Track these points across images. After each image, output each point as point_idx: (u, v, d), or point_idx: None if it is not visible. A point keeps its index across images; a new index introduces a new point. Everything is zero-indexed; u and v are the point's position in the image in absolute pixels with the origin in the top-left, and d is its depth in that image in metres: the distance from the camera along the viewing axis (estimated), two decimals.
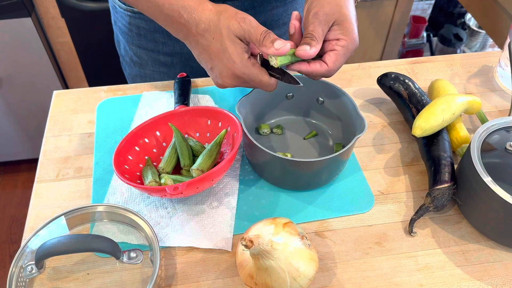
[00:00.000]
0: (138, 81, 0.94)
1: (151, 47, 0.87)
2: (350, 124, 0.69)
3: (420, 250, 0.62)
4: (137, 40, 0.87)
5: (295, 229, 0.54)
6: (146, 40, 0.86)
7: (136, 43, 0.88)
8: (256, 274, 0.52)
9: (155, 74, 0.91)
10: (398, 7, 1.69)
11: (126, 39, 0.89)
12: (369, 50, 1.84)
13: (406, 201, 0.67)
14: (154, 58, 0.88)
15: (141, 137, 0.69)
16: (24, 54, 1.48)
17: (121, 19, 0.86)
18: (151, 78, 0.92)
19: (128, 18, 0.84)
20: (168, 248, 0.62)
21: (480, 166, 0.59)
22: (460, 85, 0.86)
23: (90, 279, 0.57)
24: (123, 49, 0.93)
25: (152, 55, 0.88)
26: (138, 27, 0.84)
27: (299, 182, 0.67)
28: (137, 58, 0.90)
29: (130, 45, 0.89)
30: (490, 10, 1.21)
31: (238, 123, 0.65)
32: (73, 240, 0.54)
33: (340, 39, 0.59)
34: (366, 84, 0.86)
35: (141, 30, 0.85)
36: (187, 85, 0.78)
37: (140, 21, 0.83)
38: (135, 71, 0.94)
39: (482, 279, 0.59)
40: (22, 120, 1.67)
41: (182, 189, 0.57)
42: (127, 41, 0.89)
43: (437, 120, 0.68)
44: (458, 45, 2.00)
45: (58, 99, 0.82)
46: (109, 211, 0.61)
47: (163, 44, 0.86)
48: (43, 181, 0.69)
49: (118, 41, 0.94)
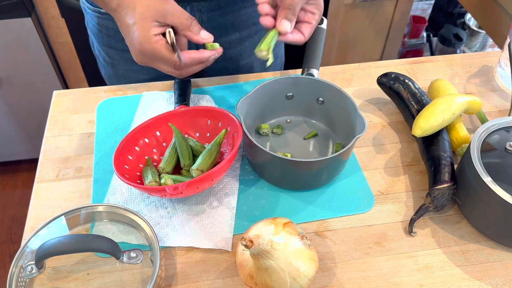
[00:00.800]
0: (114, 81, 0.94)
1: (121, 46, 0.86)
2: (350, 124, 0.69)
3: (420, 250, 0.62)
4: (107, 40, 0.87)
5: (295, 229, 0.54)
6: (115, 40, 0.86)
7: (106, 43, 0.88)
8: (256, 274, 0.52)
9: (128, 73, 0.91)
10: (398, 7, 1.69)
11: (97, 39, 0.89)
12: (369, 50, 1.84)
13: (406, 201, 0.67)
14: (125, 57, 0.88)
15: (141, 137, 0.69)
16: (24, 54, 1.48)
17: (91, 20, 0.86)
18: (125, 77, 0.91)
19: (96, 19, 0.84)
20: (168, 248, 0.62)
21: (480, 166, 0.59)
22: (460, 85, 0.86)
23: (90, 279, 0.57)
24: (97, 50, 0.93)
25: (123, 55, 0.88)
26: (107, 27, 0.84)
27: (299, 182, 0.67)
28: (109, 58, 0.91)
29: (101, 45, 0.89)
30: (490, 10, 1.21)
31: (238, 123, 0.65)
32: (73, 240, 0.54)
33: (315, 13, 0.65)
34: (366, 84, 0.86)
35: (110, 31, 0.84)
36: (187, 85, 0.78)
37: (108, 22, 0.83)
38: (109, 71, 0.94)
39: (482, 279, 0.59)
40: (22, 120, 1.67)
41: (182, 189, 0.58)
42: (98, 42, 0.89)
43: (437, 120, 0.68)
44: (458, 45, 2.00)
45: (58, 99, 0.82)
46: (109, 211, 0.61)
47: None
48: (43, 181, 0.69)
49: (92, 42, 0.94)
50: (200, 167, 0.64)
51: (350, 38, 1.76)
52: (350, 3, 1.63)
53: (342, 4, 1.62)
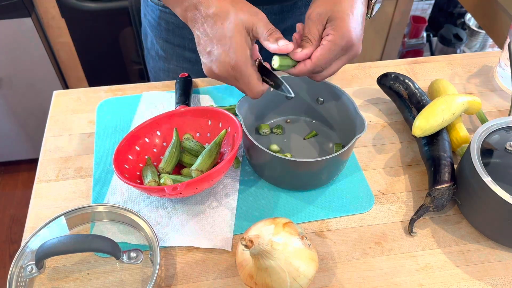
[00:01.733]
0: (160, 75, 0.96)
1: (177, 42, 0.88)
2: (350, 124, 0.69)
3: (420, 250, 0.62)
4: (165, 34, 0.88)
5: (295, 229, 0.54)
6: (174, 35, 0.87)
7: (163, 37, 0.89)
8: (256, 274, 0.52)
9: (178, 69, 0.92)
10: (398, 7, 1.69)
11: (154, 33, 0.90)
12: (369, 50, 1.84)
13: (406, 201, 0.67)
14: (180, 53, 0.89)
15: (141, 137, 0.69)
16: (24, 54, 1.48)
17: (151, 13, 0.88)
18: (174, 72, 0.93)
19: (158, 12, 0.85)
20: (168, 248, 0.62)
21: (480, 166, 0.59)
22: (460, 85, 0.86)
23: (90, 279, 0.57)
24: (150, 42, 0.94)
25: (178, 51, 0.89)
26: (167, 21, 0.85)
27: (299, 182, 0.67)
28: (162, 52, 0.92)
29: (157, 39, 0.90)
30: (490, 10, 1.21)
31: (238, 123, 0.65)
32: (73, 240, 0.54)
33: (329, 34, 0.60)
34: (366, 84, 0.86)
35: (169, 25, 0.86)
36: (189, 85, 0.78)
37: (170, 16, 0.84)
38: (159, 65, 0.95)
39: (482, 279, 0.59)
40: (22, 120, 1.67)
41: (181, 189, 0.57)
42: (154, 35, 0.91)
43: (437, 120, 0.68)
44: (458, 45, 2.00)
45: (58, 99, 0.82)
46: (109, 211, 0.61)
47: (190, 40, 0.87)
48: (43, 181, 0.69)
49: (145, 34, 0.96)
50: (199, 167, 0.64)
51: None
52: None
53: None
